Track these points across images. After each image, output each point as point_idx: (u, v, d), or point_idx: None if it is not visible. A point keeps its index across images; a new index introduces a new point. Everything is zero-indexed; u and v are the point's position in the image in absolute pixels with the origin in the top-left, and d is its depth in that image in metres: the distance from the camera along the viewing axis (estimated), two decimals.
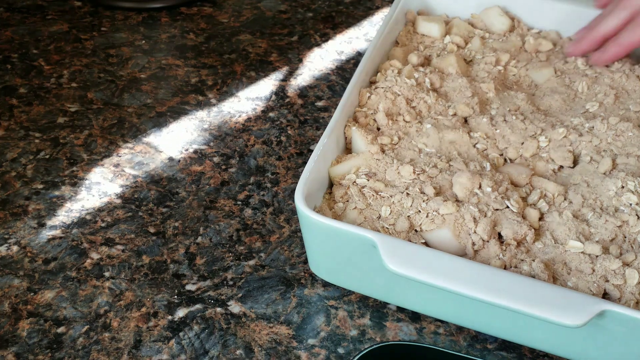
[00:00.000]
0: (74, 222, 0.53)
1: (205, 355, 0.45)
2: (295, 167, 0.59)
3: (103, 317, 0.46)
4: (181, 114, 0.63)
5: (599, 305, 0.39)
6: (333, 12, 0.79)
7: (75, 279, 0.49)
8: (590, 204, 0.47)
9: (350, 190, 0.47)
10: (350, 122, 0.51)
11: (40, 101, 0.64)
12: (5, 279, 0.49)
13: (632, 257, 0.43)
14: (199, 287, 0.49)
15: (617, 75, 0.56)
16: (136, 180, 0.57)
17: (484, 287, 0.39)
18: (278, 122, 0.63)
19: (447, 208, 0.44)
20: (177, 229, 0.53)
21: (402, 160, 0.48)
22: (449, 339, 0.46)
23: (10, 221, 0.53)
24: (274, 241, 0.52)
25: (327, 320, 0.47)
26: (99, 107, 0.64)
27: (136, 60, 0.70)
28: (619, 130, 0.51)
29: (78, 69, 0.68)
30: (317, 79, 0.69)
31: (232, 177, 0.57)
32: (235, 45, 0.72)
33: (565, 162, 0.50)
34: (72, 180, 0.56)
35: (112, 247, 0.51)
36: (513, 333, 0.44)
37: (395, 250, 0.41)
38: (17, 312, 0.47)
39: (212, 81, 0.68)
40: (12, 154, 0.58)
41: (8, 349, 0.44)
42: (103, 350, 0.45)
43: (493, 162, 0.50)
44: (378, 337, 0.46)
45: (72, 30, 0.73)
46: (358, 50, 0.73)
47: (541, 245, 0.44)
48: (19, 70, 0.67)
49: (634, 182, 0.47)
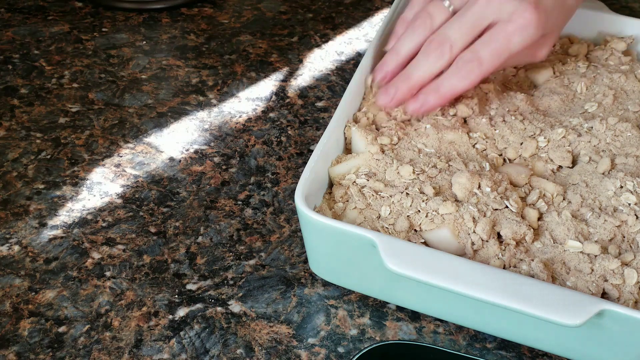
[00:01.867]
0: (75, 222, 0.53)
1: (206, 355, 0.45)
2: (295, 167, 0.59)
3: (104, 317, 0.47)
4: (182, 115, 0.64)
5: (597, 305, 0.39)
6: (333, 13, 0.79)
7: (76, 278, 0.49)
8: (589, 203, 0.47)
9: (350, 190, 0.47)
10: (350, 123, 0.51)
11: (41, 101, 0.64)
12: (6, 279, 0.49)
13: (630, 256, 0.43)
14: (200, 286, 0.49)
15: (615, 76, 0.57)
16: (137, 180, 0.57)
17: (483, 287, 0.40)
18: (278, 122, 0.63)
19: (447, 208, 0.44)
20: (177, 228, 0.53)
21: (402, 161, 0.48)
22: (449, 338, 0.46)
23: (11, 221, 0.53)
24: (274, 241, 0.52)
25: (327, 319, 0.47)
26: (100, 107, 0.64)
27: (137, 60, 0.70)
28: (617, 131, 0.51)
29: (79, 70, 0.68)
30: (317, 79, 0.69)
31: (232, 177, 0.58)
32: (236, 46, 0.73)
33: (564, 162, 0.50)
34: (73, 180, 0.56)
35: (113, 246, 0.51)
36: (512, 332, 0.45)
37: (395, 250, 0.41)
38: (18, 311, 0.47)
39: (212, 82, 0.68)
40: (13, 154, 0.59)
41: (9, 348, 0.45)
42: (104, 350, 0.45)
43: (492, 162, 0.50)
44: (378, 337, 0.46)
45: (73, 30, 0.73)
46: (358, 50, 0.73)
47: (540, 245, 0.45)
48: (20, 70, 0.68)
49: (633, 182, 0.47)
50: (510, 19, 0.48)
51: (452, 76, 0.49)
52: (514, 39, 0.48)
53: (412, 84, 0.50)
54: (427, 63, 0.49)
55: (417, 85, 0.50)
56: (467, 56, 0.48)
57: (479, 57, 0.48)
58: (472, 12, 0.49)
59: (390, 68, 0.51)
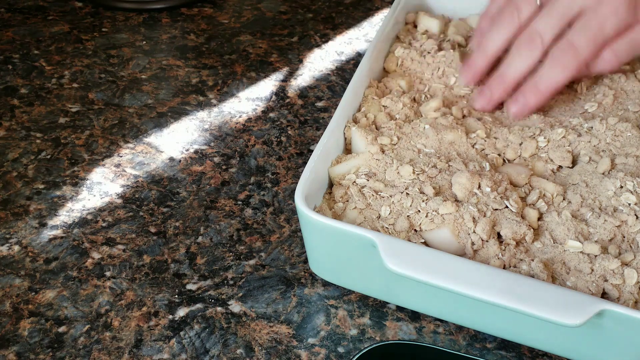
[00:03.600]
0: (75, 222, 0.53)
1: (206, 355, 0.45)
2: (295, 167, 0.59)
3: (104, 317, 0.47)
4: (182, 115, 0.64)
5: (597, 305, 0.39)
6: (333, 13, 0.79)
7: (76, 278, 0.49)
8: (589, 203, 0.47)
9: (350, 190, 0.47)
10: (350, 123, 0.51)
11: (41, 101, 0.64)
12: (6, 279, 0.49)
13: (630, 256, 0.43)
14: (200, 286, 0.49)
15: (615, 76, 0.57)
16: (137, 180, 0.57)
17: (483, 287, 0.40)
18: (278, 122, 0.63)
19: (447, 208, 0.44)
20: (177, 228, 0.53)
21: (402, 161, 0.48)
22: (449, 338, 0.46)
23: (11, 221, 0.53)
24: (274, 241, 0.52)
25: (327, 319, 0.47)
26: (100, 107, 0.64)
27: (137, 60, 0.70)
28: (617, 131, 0.51)
29: (79, 70, 0.68)
30: (317, 79, 0.69)
31: (232, 177, 0.58)
32: (236, 46, 0.73)
33: (564, 162, 0.50)
34: (73, 180, 0.56)
35: (113, 246, 0.51)
36: (512, 332, 0.45)
37: (395, 250, 0.41)
38: (18, 311, 0.47)
39: (212, 82, 0.68)
40: (13, 154, 0.59)
41: (9, 348, 0.45)
42: (104, 350, 0.45)
43: (492, 162, 0.50)
44: (378, 337, 0.46)
45: (73, 30, 0.74)
46: (358, 50, 0.73)
47: (540, 245, 0.45)
48: (20, 70, 0.68)
49: (633, 182, 0.47)
50: (600, 2, 0.46)
51: (550, 69, 0.47)
52: (607, 23, 0.46)
53: (507, 84, 0.48)
54: (520, 61, 0.48)
55: (512, 84, 0.48)
56: (562, 46, 0.46)
57: (574, 46, 0.46)
58: (560, 3, 0.47)
59: (479, 68, 0.50)
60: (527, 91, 0.48)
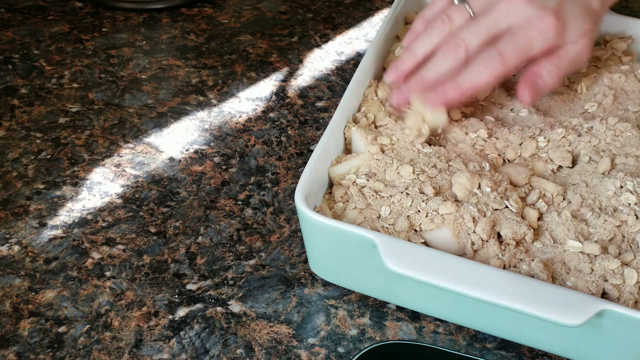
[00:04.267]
0: (75, 222, 0.53)
1: (206, 355, 0.45)
2: (295, 167, 0.59)
3: (104, 317, 0.47)
4: (182, 115, 0.64)
5: (597, 305, 0.39)
6: (333, 13, 0.79)
7: (76, 278, 0.49)
8: (589, 203, 0.47)
9: (350, 190, 0.47)
10: (350, 123, 0.51)
11: (41, 101, 0.64)
12: (6, 279, 0.49)
13: (630, 256, 0.43)
14: (200, 286, 0.49)
15: (615, 76, 0.57)
16: (137, 180, 0.57)
17: (483, 287, 0.40)
18: (278, 122, 0.63)
19: (447, 208, 0.44)
20: (177, 228, 0.53)
21: (402, 161, 0.48)
22: (449, 338, 0.46)
23: (11, 221, 0.53)
24: (274, 241, 0.52)
25: (327, 319, 0.47)
26: (100, 107, 0.64)
27: (137, 60, 0.70)
28: (617, 131, 0.51)
29: (79, 70, 0.68)
30: (317, 79, 0.69)
31: (232, 177, 0.58)
32: (236, 46, 0.73)
33: (564, 162, 0.50)
34: (73, 180, 0.56)
35: (113, 246, 0.51)
36: (512, 332, 0.45)
37: (395, 250, 0.41)
38: (18, 311, 0.47)
39: (212, 82, 0.68)
40: (13, 154, 0.59)
41: (9, 348, 0.45)
42: (104, 350, 0.45)
43: (492, 162, 0.50)
44: (378, 337, 0.46)
45: (73, 30, 0.74)
46: (358, 50, 0.73)
47: (540, 245, 0.45)
48: (20, 70, 0.68)
49: (633, 182, 0.47)
50: (531, 23, 0.48)
51: (475, 70, 0.48)
52: (535, 42, 0.48)
53: (425, 84, 0.50)
54: (442, 64, 0.49)
55: (430, 85, 0.50)
56: (490, 52, 0.48)
57: (502, 54, 0.48)
58: (491, 17, 0.49)
59: (405, 68, 0.52)
60: (448, 86, 0.49)
